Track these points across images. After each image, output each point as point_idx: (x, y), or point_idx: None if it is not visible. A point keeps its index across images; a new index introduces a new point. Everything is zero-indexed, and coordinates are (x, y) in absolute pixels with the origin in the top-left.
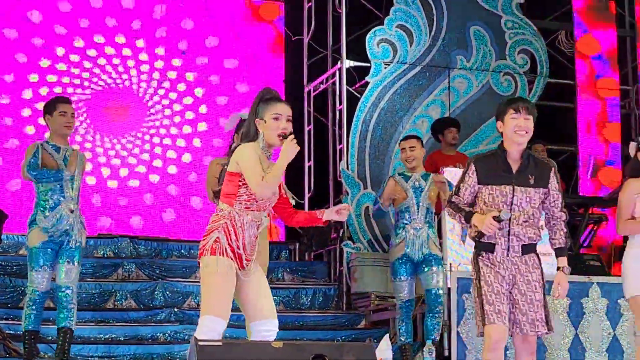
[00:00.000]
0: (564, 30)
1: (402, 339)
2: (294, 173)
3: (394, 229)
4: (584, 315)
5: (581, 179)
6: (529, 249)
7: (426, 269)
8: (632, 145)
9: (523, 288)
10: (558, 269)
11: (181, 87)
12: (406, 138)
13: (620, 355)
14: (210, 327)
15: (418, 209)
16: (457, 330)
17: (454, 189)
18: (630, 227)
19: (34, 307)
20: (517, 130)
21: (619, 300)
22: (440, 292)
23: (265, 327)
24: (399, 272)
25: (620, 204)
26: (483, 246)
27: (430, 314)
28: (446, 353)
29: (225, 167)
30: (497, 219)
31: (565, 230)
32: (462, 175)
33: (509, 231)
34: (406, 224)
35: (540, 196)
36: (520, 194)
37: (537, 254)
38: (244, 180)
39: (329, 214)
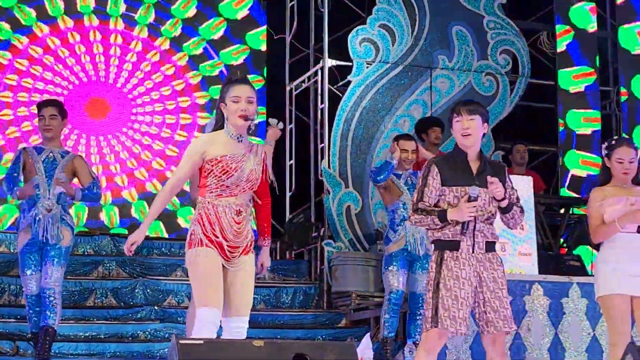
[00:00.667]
0: (546, 31)
1: (385, 333)
2: (275, 171)
3: (391, 226)
4: (564, 316)
5: (562, 179)
6: (491, 246)
7: (419, 270)
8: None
9: (491, 285)
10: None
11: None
12: (406, 138)
13: (600, 355)
14: (205, 320)
15: None
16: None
17: (415, 194)
18: (601, 233)
19: (31, 311)
20: (462, 134)
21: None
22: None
23: (234, 323)
24: (394, 262)
25: (589, 215)
26: (448, 245)
27: (413, 317)
28: None
29: None
30: (470, 200)
31: (520, 208)
32: (423, 179)
33: (474, 228)
34: (405, 219)
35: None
36: (484, 194)
37: (497, 253)
38: (208, 170)
39: (261, 257)
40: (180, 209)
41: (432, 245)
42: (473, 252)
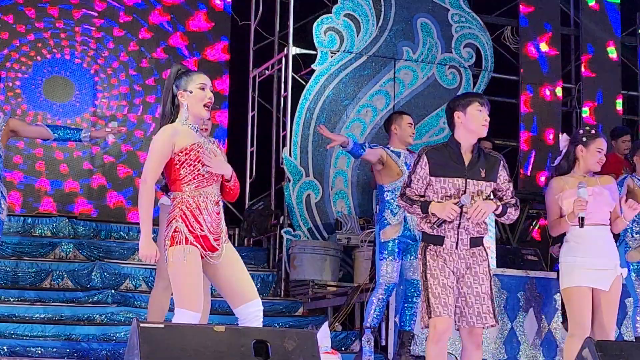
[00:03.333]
0: (510, 26)
1: (375, 322)
2: (236, 158)
3: (389, 207)
4: (520, 309)
5: (521, 174)
6: (477, 242)
7: (415, 255)
8: (563, 138)
9: (470, 280)
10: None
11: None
12: (401, 113)
13: (554, 349)
14: (183, 321)
15: None
16: (394, 320)
17: (407, 179)
18: (558, 227)
19: None
20: (484, 124)
21: (554, 295)
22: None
23: (250, 309)
24: (390, 252)
25: (547, 204)
26: (432, 239)
27: (409, 304)
28: (383, 342)
29: None
30: (458, 205)
31: (515, 207)
32: (413, 166)
33: (459, 224)
34: None
35: (490, 189)
36: (472, 187)
37: (484, 247)
38: (180, 161)
39: None
40: None
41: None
42: (456, 248)
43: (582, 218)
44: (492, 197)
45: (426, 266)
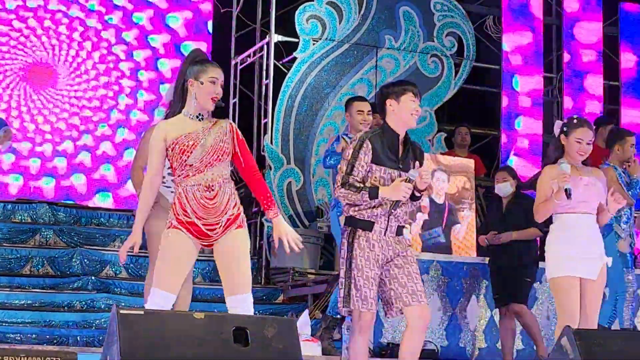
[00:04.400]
0: (492, 16)
1: None
2: None
3: None
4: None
5: (502, 163)
6: (401, 230)
7: None
8: (557, 124)
9: (400, 262)
10: None
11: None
12: (360, 99)
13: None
14: (154, 301)
15: None
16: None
17: (345, 167)
18: (544, 209)
19: None
20: (414, 114)
21: (534, 285)
22: None
23: (233, 303)
24: None
25: (537, 192)
26: (361, 224)
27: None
28: None
29: None
30: (408, 181)
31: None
32: (353, 152)
33: (390, 212)
34: None
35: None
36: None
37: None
38: (169, 155)
39: (274, 230)
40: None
41: (344, 221)
42: (385, 234)
43: (568, 190)
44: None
45: (352, 254)
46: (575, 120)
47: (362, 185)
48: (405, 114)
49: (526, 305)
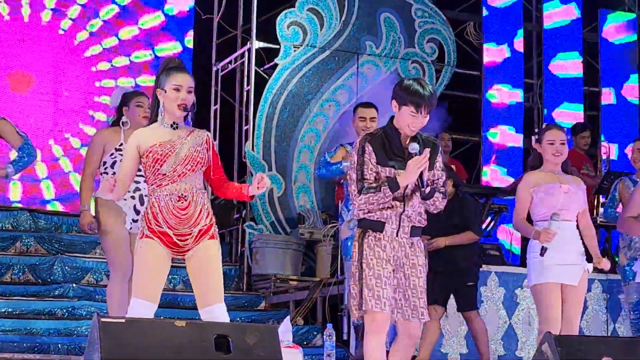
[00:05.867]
0: (472, 22)
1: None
2: None
3: (346, 204)
4: (482, 304)
5: (483, 169)
6: (416, 231)
7: None
8: (534, 139)
9: (408, 272)
10: None
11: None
12: (365, 105)
13: (515, 343)
14: (137, 312)
15: None
16: None
17: (355, 174)
18: (523, 230)
19: None
20: (412, 128)
21: (515, 290)
22: None
23: (206, 315)
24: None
25: (518, 198)
26: (371, 224)
27: None
28: (345, 337)
29: None
30: (412, 156)
31: (442, 195)
32: (358, 157)
33: (402, 212)
34: None
35: (430, 178)
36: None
37: (420, 239)
38: (144, 162)
39: (253, 189)
40: None
41: (356, 225)
42: (397, 235)
43: (544, 250)
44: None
45: (362, 254)
46: (544, 126)
47: (379, 183)
48: (402, 124)
49: (475, 309)
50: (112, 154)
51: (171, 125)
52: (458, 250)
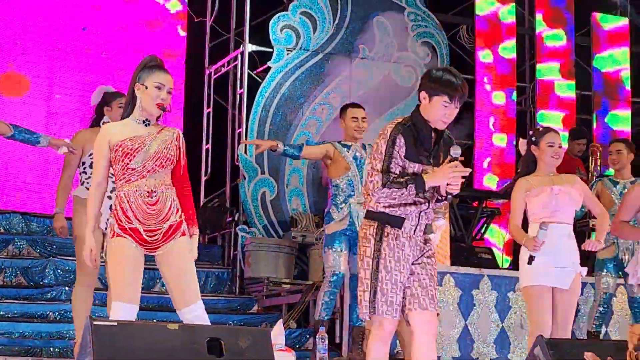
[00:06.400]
0: (465, 25)
1: (323, 315)
2: (191, 155)
3: (334, 203)
4: (474, 307)
5: (476, 172)
6: (429, 229)
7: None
8: (522, 143)
9: (425, 261)
10: None
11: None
12: (354, 106)
13: (507, 347)
14: (119, 315)
15: (362, 181)
16: (349, 316)
17: (380, 165)
18: (516, 236)
19: None
20: (444, 120)
21: (508, 294)
22: None
23: (185, 315)
24: (335, 243)
25: (512, 204)
26: (390, 220)
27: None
28: (337, 340)
29: None
30: (452, 160)
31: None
32: (387, 148)
33: (423, 210)
34: (350, 196)
35: None
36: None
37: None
38: (113, 157)
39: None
40: None
41: (370, 216)
42: (414, 233)
43: (533, 258)
44: None
45: (380, 253)
46: (541, 129)
47: (405, 180)
48: (434, 116)
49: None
50: (91, 155)
51: (143, 122)
52: None
